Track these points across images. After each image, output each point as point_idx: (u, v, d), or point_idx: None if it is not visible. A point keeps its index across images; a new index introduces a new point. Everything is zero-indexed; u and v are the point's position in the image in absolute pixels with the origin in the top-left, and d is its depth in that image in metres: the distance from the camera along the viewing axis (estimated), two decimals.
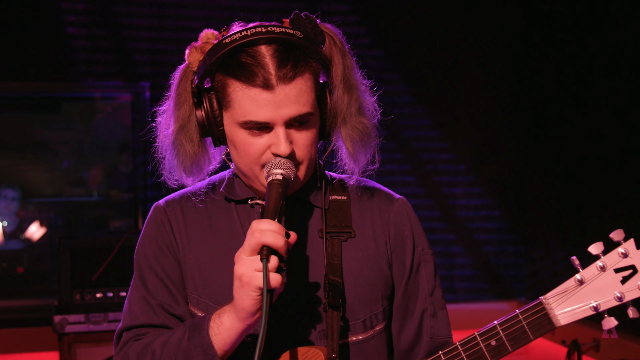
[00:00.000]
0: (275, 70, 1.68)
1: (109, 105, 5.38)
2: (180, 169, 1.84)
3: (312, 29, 1.77)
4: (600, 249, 1.74)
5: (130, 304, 1.89)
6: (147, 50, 5.13)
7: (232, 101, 1.73)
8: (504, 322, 1.74)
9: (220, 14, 5.06)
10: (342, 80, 1.80)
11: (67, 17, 5.03)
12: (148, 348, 1.78)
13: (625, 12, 4.58)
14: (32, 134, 5.37)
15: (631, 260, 1.73)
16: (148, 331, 1.85)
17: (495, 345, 1.74)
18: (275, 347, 1.80)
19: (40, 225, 5.31)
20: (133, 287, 1.91)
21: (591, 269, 1.74)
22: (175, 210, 1.91)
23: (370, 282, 1.86)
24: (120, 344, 1.87)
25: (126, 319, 1.89)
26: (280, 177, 1.69)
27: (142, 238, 1.93)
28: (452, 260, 5.58)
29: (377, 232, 1.90)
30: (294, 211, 1.87)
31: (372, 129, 1.84)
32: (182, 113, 1.81)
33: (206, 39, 1.81)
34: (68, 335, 4.03)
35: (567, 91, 5.15)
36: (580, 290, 1.74)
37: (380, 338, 1.89)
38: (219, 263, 1.84)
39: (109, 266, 4.18)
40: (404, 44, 5.48)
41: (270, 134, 1.73)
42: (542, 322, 1.73)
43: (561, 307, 1.74)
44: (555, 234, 5.26)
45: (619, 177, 4.60)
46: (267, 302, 1.54)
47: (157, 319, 1.86)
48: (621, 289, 1.72)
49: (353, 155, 1.83)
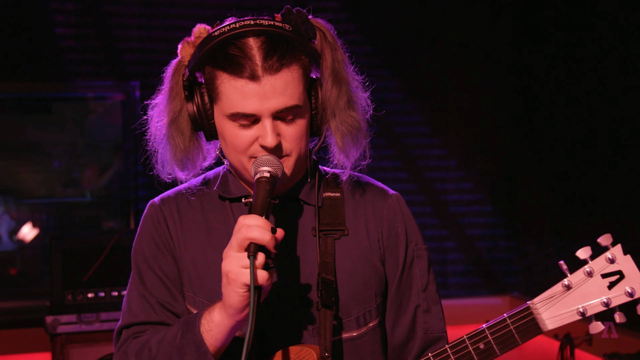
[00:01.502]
0: (261, 61, 1.69)
1: (100, 105, 5.36)
2: (172, 163, 1.84)
3: (303, 24, 1.78)
4: (588, 253, 1.75)
5: (129, 302, 1.90)
6: (137, 49, 5.12)
7: (220, 93, 1.74)
8: (492, 326, 1.76)
9: (210, 12, 5.05)
10: (332, 74, 1.80)
11: (55, 17, 5.02)
12: (145, 346, 1.79)
13: (616, 8, 4.59)
14: (23, 135, 5.35)
15: (618, 266, 1.74)
16: (147, 328, 1.86)
17: (484, 348, 1.76)
18: (268, 346, 1.81)
19: (33, 227, 5.29)
20: (131, 284, 1.91)
21: (578, 274, 1.75)
22: (170, 207, 1.92)
23: (364, 280, 1.87)
24: (119, 342, 1.87)
25: (125, 316, 1.89)
26: (267, 175, 1.69)
27: (138, 236, 1.93)
28: (445, 256, 5.59)
29: (371, 229, 1.90)
30: (287, 209, 1.88)
31: (363, 123, 1.84)
32: (174, 106, 1.82)
33: (199, 34, 1.81)
34: (60, 336, 4.02)
35: (558, 86, 5.16)
36: (567, 296, 1.75)
37: (373, 334, 1.89)
38: (213, 261, 1.84)
39: (100, 266, 4.17)
40: (394, 41, 5.48)
41: (258, 125, 1.73)
42: (529, 327, 1.75)
43: (549, 312, 1.75)
44: (547, 229, 5.27)
45: (610, 172, 4.62)
46: (255, 299, 1.54)
47: (156, 316, 1.86)
48: (608, 294, 1.74)
49: (343, 149, 1.83)
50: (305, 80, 1.77)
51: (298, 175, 1.87)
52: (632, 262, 1.74)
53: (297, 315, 1.83)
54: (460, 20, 5.57)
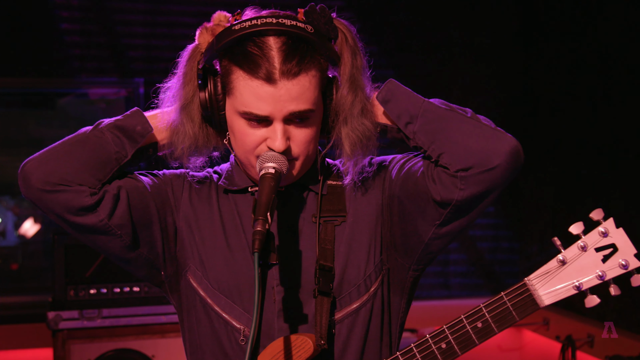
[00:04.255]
0: (279, 64, 1.67)
1: (103, 101, 5.36)
2: (179, 148, 1.83)
3: (326, 24, 1.76)
4: (580, 228, 1.79)
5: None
6: (141, 46, 5.12)
7: (234, 89, 1.73)
8: (490, 304, 1.77)
9: (215, 9, 5.03)
10: (349, 79, 1.78)
11: (60, 13, 5.01)
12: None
13: (622, 10, 4.59)
14: (26, 130, 5.35)
15: (611, 239, 1.78)
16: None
17: (482, 327, 1.77)
18: (266, 334, 1.82)
19: (35, 222, 5.29)
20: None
21: (572, 249, 1.79)
22: (192, 182, 1.92)
23: (364, 262, 1.86)
24: None
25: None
26: (272, 171, 1.69)
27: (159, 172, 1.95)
28: (447, 256, 5.59)
29: (372, 207, 1.89)
30: (292, 196, 1.88)
31: (374, 132, 1.81)
32: (186, 92, 1.80)
33: (218, 21, 1.80)
34: (62, 332, 4.03)
35: (561, 87, 5.15)
36: (562, 271, 1.79)
37: (375, 302, 1.87)
38: (221, 250, 1.86)
39: (102, 262, 4.18)
40: (399, 40, 5.48)
41: (268, 127, 1.73)
42: (526, 302, 1.78)
43: (545, 288, 1.78)
44: (549, 230, 5.27)
45: (614, 174, 4.61)
46: (259, 299, 1.53)
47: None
48: (602, 267, 1.77)
49: (351, 156, 1.80)
50: (321, 84, 1.75)
51: (301, 174, 1.86)
52: (625, 235, 1.78)
53: (295, 302, 1.83)
54: (465, 21, 5.56)
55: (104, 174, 1.76)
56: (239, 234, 1.87)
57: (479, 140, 1.72)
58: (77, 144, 1.78)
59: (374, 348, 1.89)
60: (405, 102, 1.80)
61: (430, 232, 1.81)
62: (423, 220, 1.79)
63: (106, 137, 1.78)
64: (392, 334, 1.94)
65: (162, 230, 1.86)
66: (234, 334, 1.83)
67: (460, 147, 1.72)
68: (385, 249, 1.89)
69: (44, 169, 1.74)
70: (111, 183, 1.78)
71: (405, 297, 1.94)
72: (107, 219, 1.75)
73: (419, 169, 1.79)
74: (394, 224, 1.87)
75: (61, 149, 1.78)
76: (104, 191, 1.76)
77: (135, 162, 1.85)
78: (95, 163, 1.75)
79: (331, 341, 1.83)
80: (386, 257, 1.89)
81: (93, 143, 1.77)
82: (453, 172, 1.72)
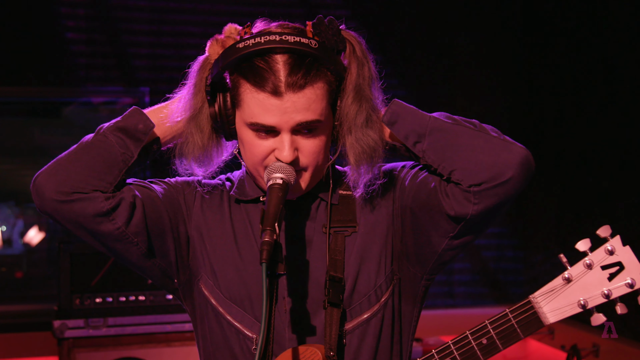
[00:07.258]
0: (285, 77, 1.68)
1: (109, 110, 5.37)
2: (189, 158, 1.84)
3: (333, 35, 1.77)
4: (587, 245, 1.77)
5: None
6: (147, 55, 5.14)
7: (242, 101, 1.74)
8: (494, 320, 1.77)
9: (220, 19, 5.05)
10: (354, 89, 1.78)
11: (66, 22, 5.03)
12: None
13: (627, 18, 4.59)
14: (31, 139, 5.36)
15: (617, 257, 1.76)
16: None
17: (487, 343, 1.78)
18: (278, 343, 1.82)
19: (39, 230, 5.30)
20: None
21: (578, 266, 1.77)
22: (203, 192, 1.93)
23: (375, 272, 1.86)
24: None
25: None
26: (280, 182, 1.70)
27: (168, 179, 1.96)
28: (451, 265, 5.58)
29: (383, 213, 1.89)
30: (302, 207, 1.88)
31: (380, 144, 1.80)
32: (196, 103, 1.82)
33: (229, 33, 1.81)
34: (67, 340, 4.03)
35: (566, 96, 5.15)
36: (568, 288, 1.77)
37: (386, 312, 1.87)
38: (230, 260, 1.87)
39: (108, 271, 4.18)
40: (404, 49, 5.49)
41: (276, 138, 1.74)
42: (531, 320, 1.77)
43: (550, 306, 1.77)
44: (554, 239, 5.26)
45: (618, 182, 4.61)
46: (267, 308, 1.54)
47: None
48: (608, 285, 1.75)
49: (356, 167, 1.80)
50: (329, 96, 1.76)
51: (310, 186, 1.85)
52: (632, 253, 1.75)
53: (305, 313, 1.83)
54: (469, 30, 5.57)
55: (113, 177, 1.78)
56: (250, 244, 1.88)
57: (490, 154, 1.72)
58: (83, 152, 1.79)
59: (385, 358, 1.89)
60: (412, 122, 1.80)
61: (444, 244, 1.81)
62: (436, 232, 1.80)
63: (110, 141, 1.80)
64: (403, 343, 1.94)
65: (175, 239, 1.88)
66: (246, 343, 1.84)
67: (472, 163, 1.72)
68: (397, 259, 1.89)
69: (55, 180, 1.75)
70: (124, 189, 1.80)
71: (418, 306, 1.95)
72: (125, 227, 1.77)
73: (432, 181, 1.79)
74: (406, 234, 1.87)
75: (68, 159, 1.79)
76: (120, 198, 1.77)
77: (142, 160, 1.86)
78: (103, 167, 1.77)
79: (341, 352, 1.84)
80: (397, 267, 1.90)
81: (98, 147, 1.79)
82: (466, 187, 1.72)
